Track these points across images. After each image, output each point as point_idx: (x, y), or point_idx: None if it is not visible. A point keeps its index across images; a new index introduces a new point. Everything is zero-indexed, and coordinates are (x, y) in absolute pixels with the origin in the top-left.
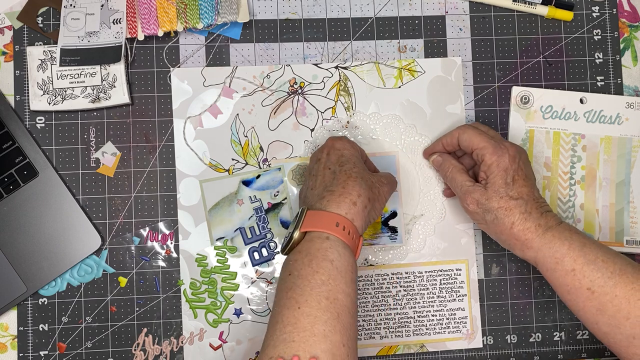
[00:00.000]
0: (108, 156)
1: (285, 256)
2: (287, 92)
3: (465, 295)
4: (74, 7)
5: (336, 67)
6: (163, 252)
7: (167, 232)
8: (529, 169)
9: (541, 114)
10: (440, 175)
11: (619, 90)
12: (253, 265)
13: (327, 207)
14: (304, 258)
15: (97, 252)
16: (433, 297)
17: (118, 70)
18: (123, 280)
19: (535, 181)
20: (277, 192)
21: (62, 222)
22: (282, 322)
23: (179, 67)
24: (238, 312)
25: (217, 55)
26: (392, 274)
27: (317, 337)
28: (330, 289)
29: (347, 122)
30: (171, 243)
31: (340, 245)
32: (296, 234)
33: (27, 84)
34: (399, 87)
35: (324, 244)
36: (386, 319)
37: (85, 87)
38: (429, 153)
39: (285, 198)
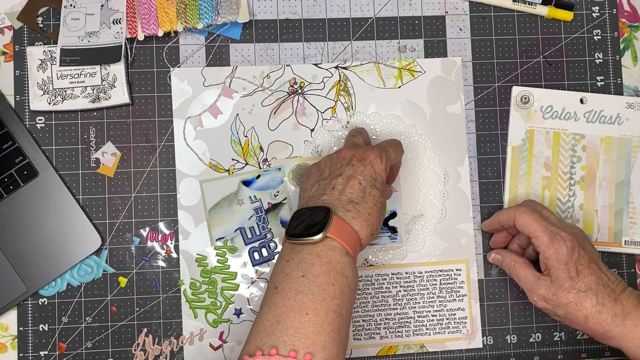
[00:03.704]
0: (108, 156)
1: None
2: (287, 92)
3: (465, 295)
4: (74, 7)
5: (336, 67)
6: (163, 252)
7: (167, 232)
8: (591, 251)
9: (541, 114)
10: (505, 270)
11: (619, 90)
12: (253, 266)
13: (352, 223)
14: (322, 266)
15: (97, 252)
16: (433, 297)
17: (118, 70)
18: (123, 281)
19: (600, 258)
20: (277, 192)
21: (62, 222)
22: (285, 324)
23: (179, 67)
24: (238, 312)
25: (217, 55)
26: (392, 274)
27: (317, 346)
28: (339, 304)
29: (347, 122)
30: (171, 243)
31: (354, 263)
32: (320, 236)
33: (27, 84)
34: (399, 87)
35: (344, 259)
36: (386, 319)
37: (85, 87)
38: (488, 228)
39: (285, 198)
